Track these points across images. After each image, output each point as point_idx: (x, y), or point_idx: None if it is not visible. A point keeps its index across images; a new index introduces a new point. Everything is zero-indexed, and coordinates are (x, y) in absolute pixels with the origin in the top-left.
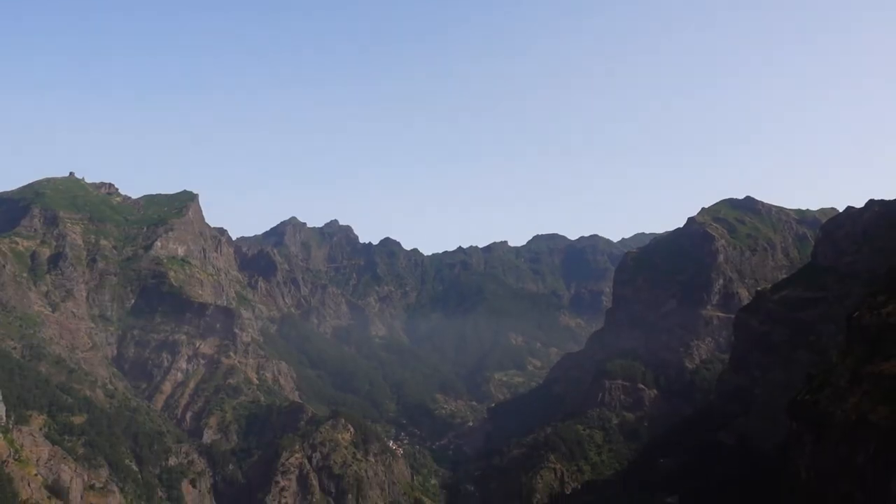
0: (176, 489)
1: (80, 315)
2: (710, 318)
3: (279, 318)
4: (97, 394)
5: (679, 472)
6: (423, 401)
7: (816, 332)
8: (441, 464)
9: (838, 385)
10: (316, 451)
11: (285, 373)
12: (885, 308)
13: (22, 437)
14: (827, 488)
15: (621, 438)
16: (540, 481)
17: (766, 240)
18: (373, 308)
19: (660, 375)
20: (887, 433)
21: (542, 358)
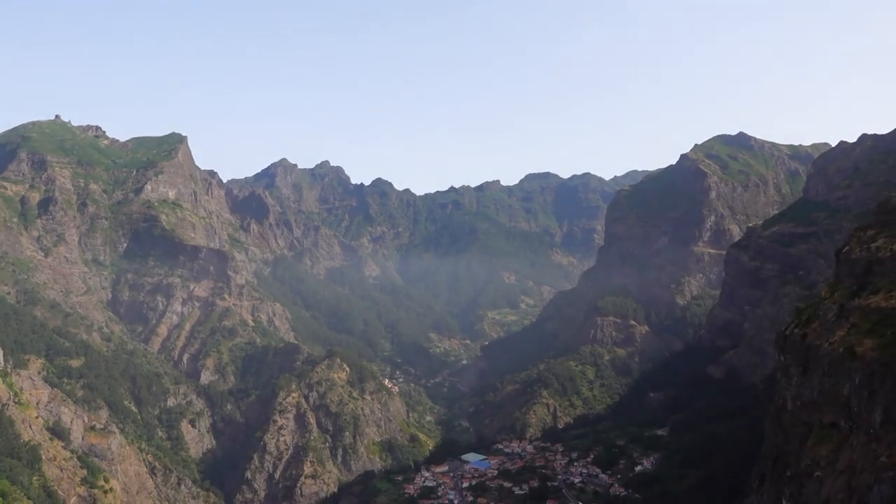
0: (175, 429)
1: (72, 260)
2: (701, 255)
3: (272, 260)
4: (94, 337)
5: (669, 405)
6: (418, 340)
7: (806, 266)
8: (436, 401)
9: (826, 319)
10: (312, 390)
11: (280, 314)
12: (875, 242)
13: (21, 381)
14: (812, 418)
15: (613, 374)
16: (533, 416)
17: (758, 176)
18: (366, 249)
19: (651, 312)
20: (872, 365)
21: (535, 296)
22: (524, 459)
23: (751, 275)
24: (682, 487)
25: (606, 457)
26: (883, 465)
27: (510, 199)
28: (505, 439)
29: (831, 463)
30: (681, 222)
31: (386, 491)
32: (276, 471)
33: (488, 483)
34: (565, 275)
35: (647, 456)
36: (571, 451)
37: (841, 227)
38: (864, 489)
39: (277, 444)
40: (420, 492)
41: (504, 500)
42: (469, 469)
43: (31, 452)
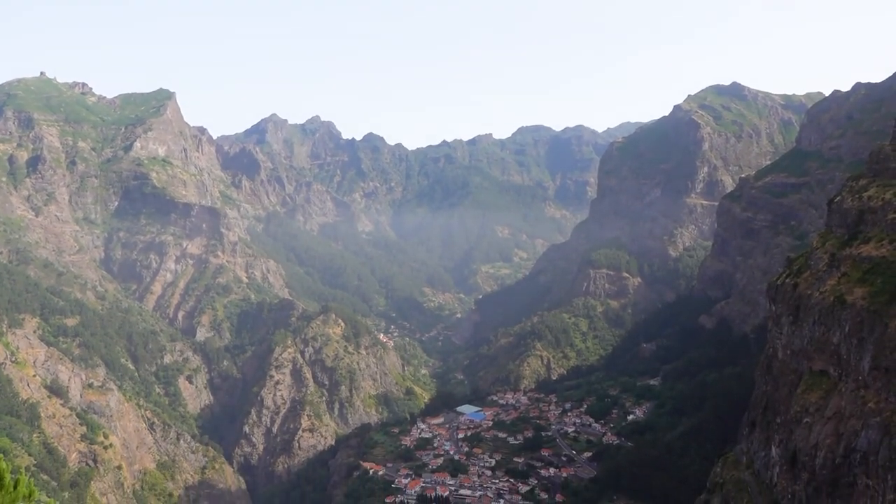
0: (173, 385)
1: (63, 218)
2: (693, 206)
3: (265, 216)
4: (88, 296)
5: (661, 355)
6: (412, 294)
7: (798, 217)
8: (431, 354)
9: (817, 268)
10: (308, 345)
11: (274, 270)
12: (867, 192)
13: (17, 340)
14: (802, 366)
15: (605, 325)
16: (527, 368)
17: (751, 126)
18: (358, 204)
19: (644, 264)
20: (862, 313)
21: (528, 249)
22: (518, 410)
23: (743, 225)
24: (674, 435)
25: (599, 407)
26: (870, 411)
27: (503, 152)
28: (499, 391)
29: (820, 409)
30: (674, 174)
31: (383, 443)
32: (274, 425)
33: (483, 434)
34: (558, 228)
35: (639, 405)
36: (565, 401)
37: (833, 176)
38: (852, 434)
39: (274, 398)
40: (416, 443)
41: (499, 451)
42: (464, 420)
43: (30, 410)
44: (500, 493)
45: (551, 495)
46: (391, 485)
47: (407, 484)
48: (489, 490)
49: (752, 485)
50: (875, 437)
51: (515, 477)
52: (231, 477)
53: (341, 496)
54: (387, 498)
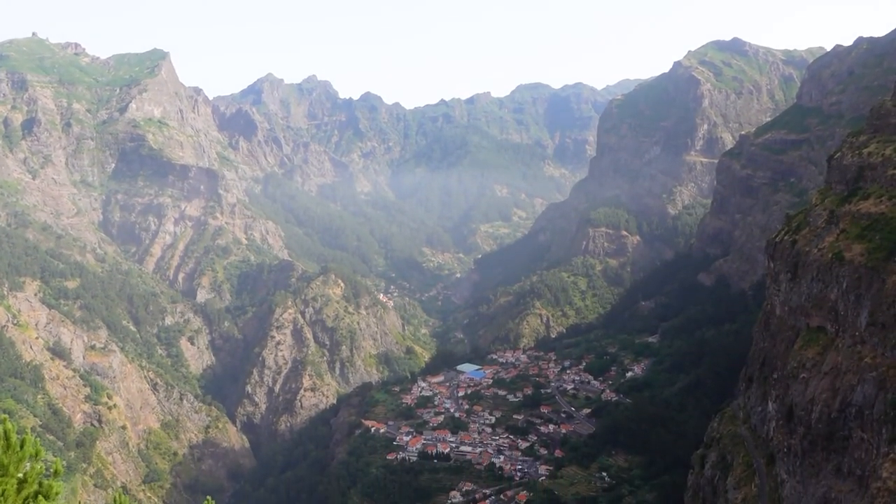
0: (174, 347)
1: (60, 181)
2: (693, 164)
3: (263, 177)
4: (87, 258)
5: (659, 313)
6: (411, 254)
7: (797, 174)
8: (430, 314)
9: (816, 225)
10: (308, 306)
11: (273, 232)
12: (867, 148)
13: (18, 303)
14: (800, 323)
15: (604, 284)
16: (526, 326)
17: (751, 82)
18: (356, 164)
19: (643, 222)
20: (860, 269)
21: (527, 208)
22: (518, 368)
23: (742, 183)
24: (672, 391)
25: (598, 364)
26: (867, 366)
27: (501, 110)
28: (499, 349)
29: (817, 365)
30: (673, 131)
31: (384, 401)
32: (276, 384)
33: (483, 392)
34: (557, 187)
35: (637, 362)
36: (564, 359)
37: (834, 133)
38: (848, 389)
39: (276, 358)
40: (417, 401)
41: (499, 408)
42: (464, 379)
43: (33, 372)
44: (500, 449)
45: (551, 451)
46: (392, 442)
47: (408, 441)
48: (489, 446)
49: (748, 439)
50: (871, 392)
51: (515, 433)
52: (234, 436)
53: (343, 454)
54: (388, 455)
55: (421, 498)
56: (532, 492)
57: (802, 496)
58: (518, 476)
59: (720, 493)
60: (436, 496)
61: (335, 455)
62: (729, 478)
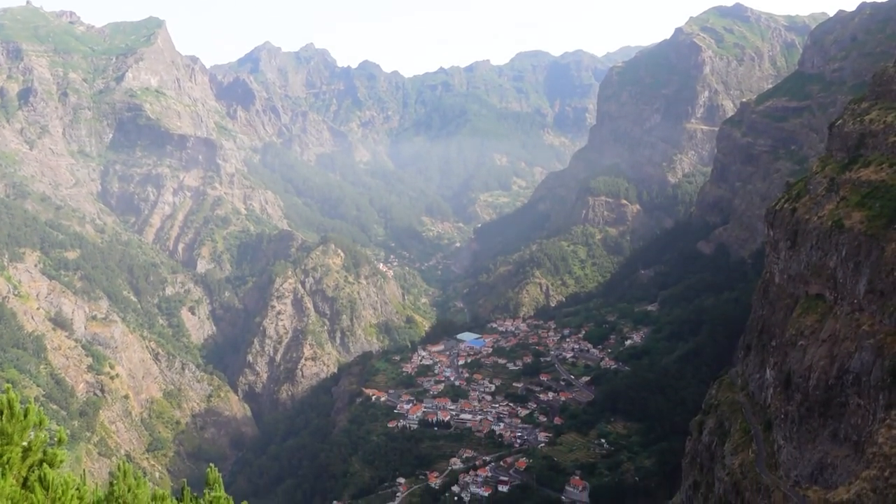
0: (175, 317)
1: (58, 152)
2: (693, 132)
3: (261, 147)
4: (87, 229)
5: (659, 281)
6: (411, 224)
7: (798, 141)
8: (430, 283)
9: (816, 193)
10: (308, 275)
11: (272, 201)
12: (868, 115)
13: (18, 274)
14: (799, 290)
15: (604, 252)
16: (526, 295)
17: (753, 49)
18: (355, 133)
19: (642, 190)
20: (859, 237)
21: (527, 177)
22: (517, 337)
23: (743, 151)
24: (671, 359)
25: (597, 332)
26: (865, 333)
27: (500, 79)
28: (499, 318)
29: (815, 332)
30: (674, 99)
31: (384, 370)
32: (277, 354)
33: (483, 360)
34: (557, 155)
35: (636, 330)
36: (563, 327)
37: (835, 100)
38: (846, 356)
39: (276, 328)
40: (417, 370)
41: (499, 376)
42: (464, 347)
43: (35, 342)
44: (499, 416)
45: (550, 418)
46: (393, 410)
47: (409, 409)
48: (489, 414)
49: (746, 406)
50: (868, 359)
51: (515, 401)
52: (236, 404)
53: (345, 422)
54: (389, 423)
55: (422, 465)
56: (531, 458)
57: (799, 461)
58: (518, 443)
59: (718, 458)
60: (436, 463)
61: (336, 423)
62: (726, 444)
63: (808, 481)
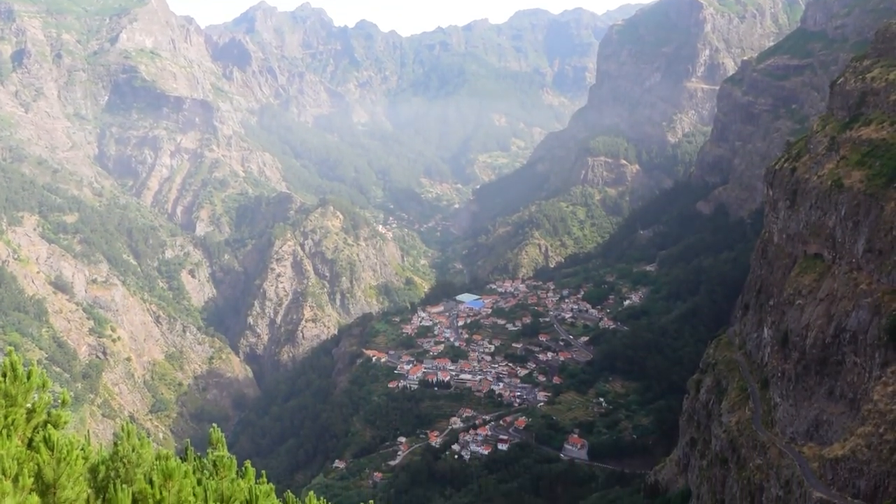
0: (176, 280)
1: (54, 114)
2: (694, 91)
3: (258, 109)
4: (85, 192)
5: (658, 241)
6: (410, 185)
7: (799, 100)
8: (429, 245)
9: (816, 152)
10: (308, 238)
11: (270, 164)
12: (870, 72)
13: (18, 238)
14: (797, 250)
15: (603, 213)
16: (525, 256)
17: (755, 6)
18: (353, 94)
19: (642, 150)
20: (859, 196)
21: (526, 138)
22: (517, 298)
23: (743, 110)
24: (669, 319)
25: (596, 293)
26: (862, 292)
27: (499, 37)
28: (498, 279)
29: (813, 291)
30: (674, 57)
31: (384, 331)
32: (277, 316)
33: (482, 321)
34: (556, 115)
35: (635, 291)
36: (562, 288)
37: (837, 58)
38: (843, 315)
39: (276, 290)
40: (417, 331)
41: (498, 337)
42: (464, 309)
43: (36, 306)
44: (499, 376)
45: (549, 378)
46: (393, 371)
47: (409, 370)
48: (489, 374)
49: (743, 365)
50: (865, 317)
51: (514, 361)
52: (238, 366)
53: (346, 382)
54: (390, 383)
55: (422, 424)
56: (531, 417)
57: (795, 419)
58: (517, 402)
59: (714, 416)
60: (436, 422)
61: (337, 384)
62: (723, 402)
63: (803, 438)
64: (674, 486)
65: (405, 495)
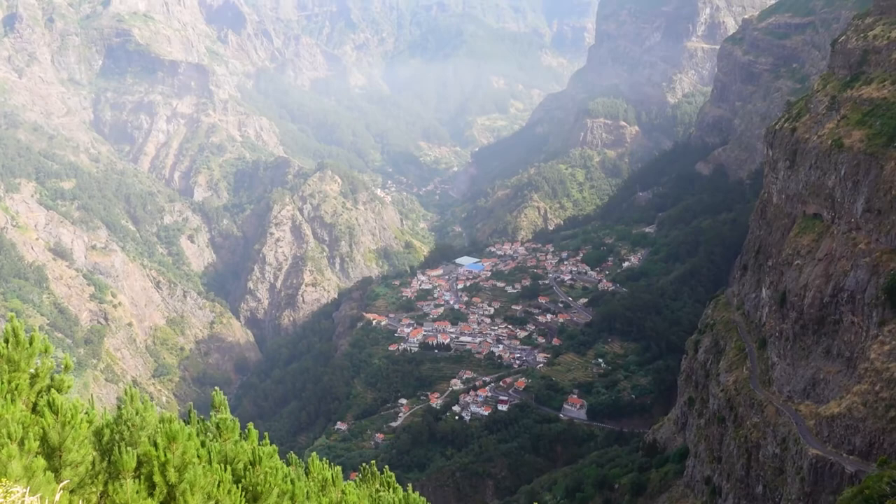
0: (175, 245)
1: (48, 80)
2: (694, 51)
3: (254, 72)
4: (81, 159)
5: (657, 203)
6: (408, 149)
7: (800, 59)
8: (428, 208)
9: (817, 112)
10: (306, 202)
11: (267, 128)
12: (872, 30)
13: (15, 205)
14: (796, 210)
15: (602, 175)
16: (524, 219)
17: None
18: (349, 57)
19: (641, 112)
20: (859, 156)
21: (525, 100)
22: (516, 261)
23: (744, 69)
24: (668, 280)
25: (595, 255)
26: (861, 252)
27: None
28: (497, 242)
29: (811, 252)
30: (674, 16)
31: (384, 295)
32: (277, 280)
33: (482, 284)
34: (555, 76)
35: (634, 252)
36: (561, 251)
37: (839, 16)
38: (841, 275)
39: (276, 255)
40: (417, 294)
41: (497, 299)
42: (463, 272)
43: (37, 272)
44: (499, 339)
45: (548, 340)
46: (394, 334)
47: (409, 333)
48: (488, 336)
49: (741, 325)
50: (863, 277)
51: (514, 323)
52: (239, 330)
53: (346, 346)
54: (390, 346)
55: (423, 386)
56: (530, 378)
57: (792, 377)
58: (517, 364)
59: (712, 376)
60: (437, 384)
61: (338, 347)
62: (721, 361)
63: (800, 397)
64: (672, 445)
65: (407, 456)
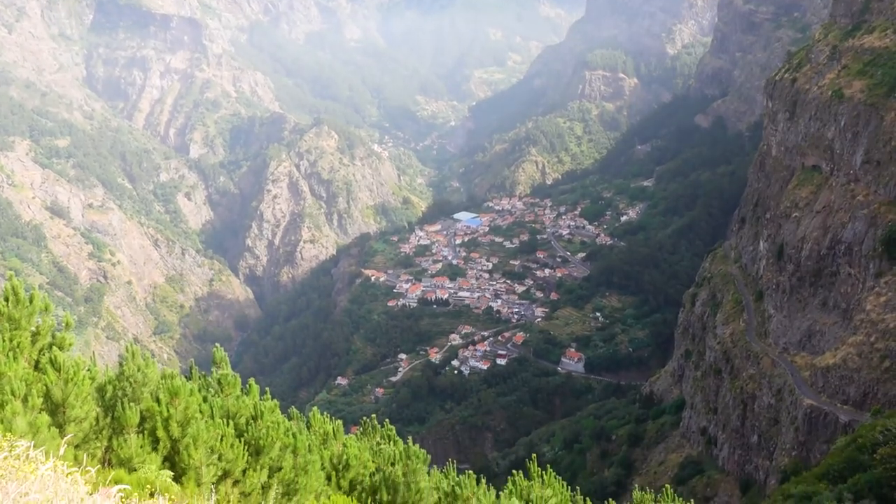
0: (172, 203)
1: (38, 35)
2: (694, 0)
3: (248, 26)
4: (75, 116)
5: (655, 156)
6: (405, 103)
7: (801, 8)
8: (426, 163)
9: (817, 62)
10: (303, 158)
11: (262, 83)
12: None
13: (10, 163)
14: (795, 162)
15: (601, 128)
16: (522, 174)
17: None
18: (344, 9)
19: (640, 63)
20: (859, 107)
21: (523, 52)
22: (514, 216)
23: (744, 19)
24: (665, 234)
25: (593, 209)
26: (859, 204)
27: None
28: (495, 197)
29: (810, 204)
30: None
31: (382, 251)
32: (276, 237)
33: (480, 239)
34: (553, 28)
35: (632, 206)
36: (559, 205)
37: None
38: (839, 227)
39: (274, 212)
40: (415, 250)
41: (496, 254)
42: (461, 227)
43: (34, 231)
44: (497, 293)
45: (546, 294)
46: (393, 290)
47: (408, 288)
48: (487, 291)
49: (738, 277)
50: (861, 229)
51: (512, 278)
52: (238, 288)
53: (346, 302)
54: (389, 302)
55: (422, 341)
56: (528, 333)
57: (788, 329)
58: (515, 318)
59: (709, 328)
60: (436, 339)
61: (338, 303)
62: (718, 314)
63: (796, 348)
64: (668, 397)
65: (407, 409)
